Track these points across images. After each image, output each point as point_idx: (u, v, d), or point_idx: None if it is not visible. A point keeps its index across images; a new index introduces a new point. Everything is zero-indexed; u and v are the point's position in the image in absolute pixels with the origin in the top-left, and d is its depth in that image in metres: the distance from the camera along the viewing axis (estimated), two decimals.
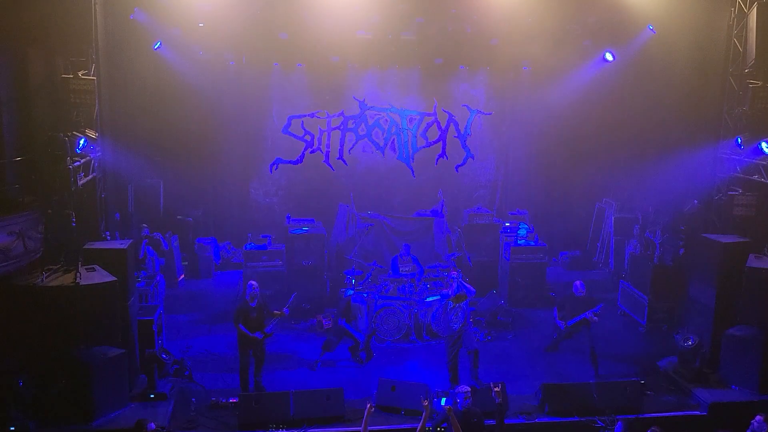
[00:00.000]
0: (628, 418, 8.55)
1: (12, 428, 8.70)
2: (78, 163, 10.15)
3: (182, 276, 15.52)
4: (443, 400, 9.29)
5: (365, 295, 12.38)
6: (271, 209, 16.74)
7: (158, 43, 13.80)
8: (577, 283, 11.33)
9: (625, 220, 15.72)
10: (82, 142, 10.11)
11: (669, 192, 14.73)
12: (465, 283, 10.82)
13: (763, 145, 10.88)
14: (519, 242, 14.45)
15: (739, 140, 11.52)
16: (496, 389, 8.06)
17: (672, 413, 9.78)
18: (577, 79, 15.61)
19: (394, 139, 15.38)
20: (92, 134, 10.69)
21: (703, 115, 13.53)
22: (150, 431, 7.84)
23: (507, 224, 15.11)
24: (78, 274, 9.22)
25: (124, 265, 9.85)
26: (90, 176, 10.80)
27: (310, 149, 15.30)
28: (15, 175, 9.89)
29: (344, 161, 15.44)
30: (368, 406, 7.56)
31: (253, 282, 10.44)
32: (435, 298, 12.51)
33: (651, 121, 15.28)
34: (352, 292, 12.45)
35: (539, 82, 16.19)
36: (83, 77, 10.43)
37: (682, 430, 9.47)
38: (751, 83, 11.32)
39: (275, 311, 10.44)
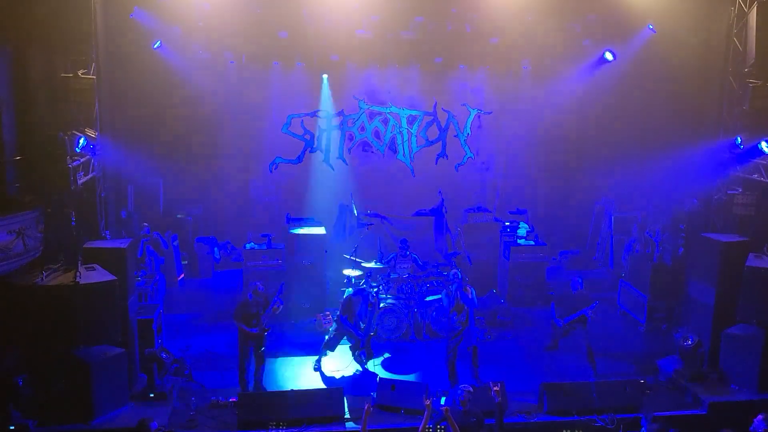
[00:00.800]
0: (656, 416, 8.61)
1: (11, 427, 8.71)
2: (78, 162, 10.14)
3: (182, 275, 15.52)
4: (443, 399, 9.31)
5: (365, 294, 12.38)
6: (270, 208, 16.75)
7: (158, 42, 13.79)
8: (575, 278, 11.28)
9: (625, 219, 15.74)
10: (81, 141, 10.10)
11: (669, 191, 14.75)
12: (465, 293, 10.60)
13: (763, 144, 10.87)
14: (519, 241, 14.47)
15: (739, 140, 11.52)
16: (496, 388, 8.06)
17: (672, 412, 9.78)
18: (577, 78, 15.62)
19: (393, 138, 15.40)
20: (92, 133, 10.69)
21: (703, 114, 13.53)
22: (153, 431, 7.85)
23: (507, 223, 15.11)
24: (78, 273, 9.22)
25: (124, 265, 9.85)
26: (90, 175, 10.79)
27: (310, 148, 15.30)
28: (15, 174, 9.88)
29: (344, 160, 15.44)
30: (366, 407, 7.56)
31: (259, 283, 10.44)
32: (435, 297, 12.53)
33: (651, 119, 15.29)
34: (351, 290, 12.46)
35: (539, 81, 16.19)
36: (83, 76, 10.42)
37: (682, 429, 9.46)
38: (751, 82, 11.31)
39: (273, 306, 10.44)
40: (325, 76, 15.69)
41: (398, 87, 15.95)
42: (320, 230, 13.83)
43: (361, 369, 11.20)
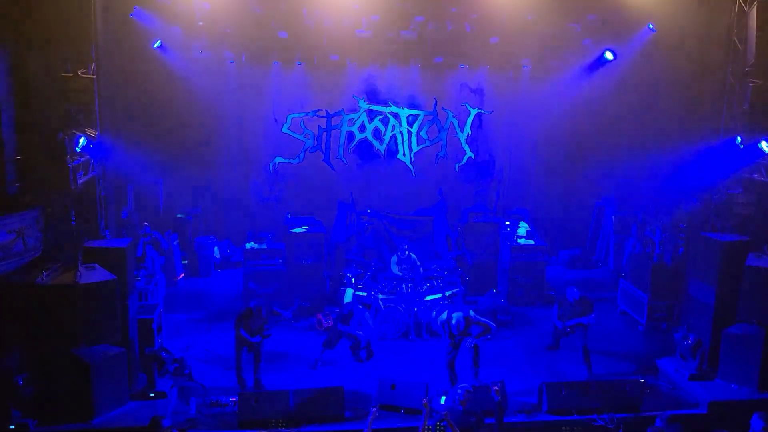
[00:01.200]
0: (671, 415, 8.63)
1: (12, 427, 8.71)
2: (78, 161, 10.16)
3: (182, 275, 15.52)
4: (443, 398, 9.30)
5: (365, 294, 12.40)
6: (270, 208, 16.72)
7: (158, 42, 13.80)
8: (570, 289, 11.20)
9: (625, 219, 15.73)
10: (81, 140, 10.11)
11: (669, 190, 14.73)
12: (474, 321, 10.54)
13: (763, 144, 10.87)
14: (519, 241, 14.47)
15: (739, 139, 11.52)
16: (496, 388, 8.07)
17: (671, 412, 9.76)
18: (577, 78, 15.61)
19: (394, 138, 15.37)
20: (92, 133, 10.70)
21: (703, 114, 13.52)
22: (165, 428, 7.88)
23: (507, 223, 15.11)
24: (78, 273, 9.22)
25: (124, 264, 9.84)
26: (89, 175, 10.81)
27: (310, 148, 15.29)
28: (15, 174, 9.90)
29: (344, 160, 15.42)
30: (373, 411, 7.54)
31: (260, 306, 10.42)
32: (435, 296, 12.52)
33: (651, 119, 15.30)
34: (352, 291, 12.47)
35: (539, 81, 16.18)
36: (83, 76, 10.44)
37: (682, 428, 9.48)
38: (752, 82, 11.31)
39: (279, 311, 10.43)
40: None
41: (398, 87, 15.92)
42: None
43: (360, 369, 11.20)
